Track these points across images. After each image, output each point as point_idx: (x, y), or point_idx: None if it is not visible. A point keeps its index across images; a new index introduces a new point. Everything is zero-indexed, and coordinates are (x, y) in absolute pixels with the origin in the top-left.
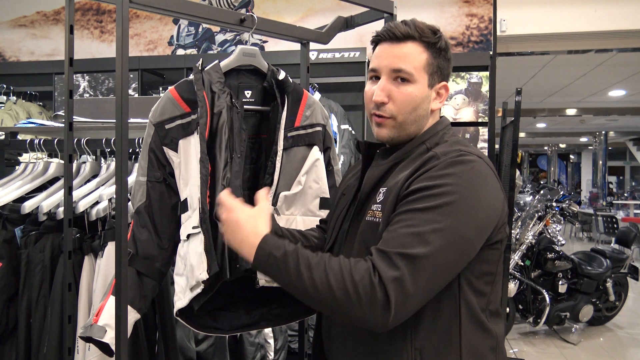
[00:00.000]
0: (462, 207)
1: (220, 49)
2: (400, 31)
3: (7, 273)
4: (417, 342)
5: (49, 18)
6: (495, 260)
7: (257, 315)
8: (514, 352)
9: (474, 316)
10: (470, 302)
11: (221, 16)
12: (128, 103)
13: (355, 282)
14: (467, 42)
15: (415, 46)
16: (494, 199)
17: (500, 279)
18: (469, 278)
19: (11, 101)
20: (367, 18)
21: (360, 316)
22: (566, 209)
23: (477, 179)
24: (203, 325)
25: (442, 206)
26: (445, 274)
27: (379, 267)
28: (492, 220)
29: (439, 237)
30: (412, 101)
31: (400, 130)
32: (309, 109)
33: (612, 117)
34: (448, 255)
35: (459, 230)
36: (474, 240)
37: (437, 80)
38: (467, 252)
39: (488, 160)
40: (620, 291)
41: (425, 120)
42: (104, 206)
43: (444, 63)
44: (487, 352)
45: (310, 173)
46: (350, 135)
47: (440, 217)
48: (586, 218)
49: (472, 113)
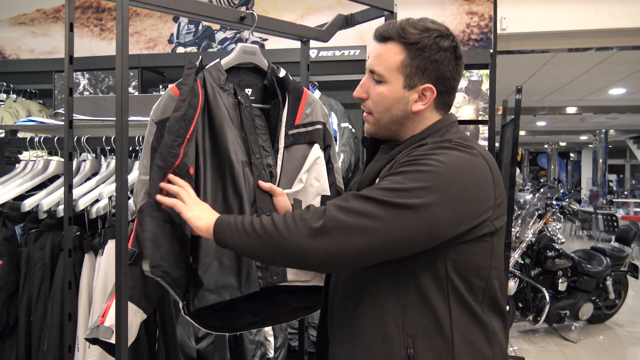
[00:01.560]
0: (436, 178)
1: (221, 47)
2: (380, 31)
3: (7, 271)
4: (408, 328)
5: (48, 16)
6: (486, 253)
7: (262, 314)
8: (514, 350)
9: (466, 306)
10: (460, 292)
11: (221, 14)
12: (128, 101)
13: (303, 213)
14: (467, 40)
15: (393, 47)
16: (477, 186)
17: (500, 274)
18: (456, 268)
19: (11, 99)
20: (368, 16)
21: (294, 233)
22: (566, 207)
23: (461, 162)
24: (210, 325)
25: (414, 172)
26: (391, 228)
27: (330, 201)
28: (472, 206)
29: (398, 195)
30: (384, 101)
31: (379, 126)
32: (309, 107)
33: (612, 115)
34: (403, 213)
35: (423, 196)
36: (439, 215)
37: (419, 82)
38: (428, 223)
39: (489, 158)
40: (620, 289)
41: (407, 120)
42: (104, 204)
43: (426, 64)
44: (481, 342)
45: (311, 171)
46: (350, 134)
47: (407, 180)
48: (586, 216)
49: (473, 111)
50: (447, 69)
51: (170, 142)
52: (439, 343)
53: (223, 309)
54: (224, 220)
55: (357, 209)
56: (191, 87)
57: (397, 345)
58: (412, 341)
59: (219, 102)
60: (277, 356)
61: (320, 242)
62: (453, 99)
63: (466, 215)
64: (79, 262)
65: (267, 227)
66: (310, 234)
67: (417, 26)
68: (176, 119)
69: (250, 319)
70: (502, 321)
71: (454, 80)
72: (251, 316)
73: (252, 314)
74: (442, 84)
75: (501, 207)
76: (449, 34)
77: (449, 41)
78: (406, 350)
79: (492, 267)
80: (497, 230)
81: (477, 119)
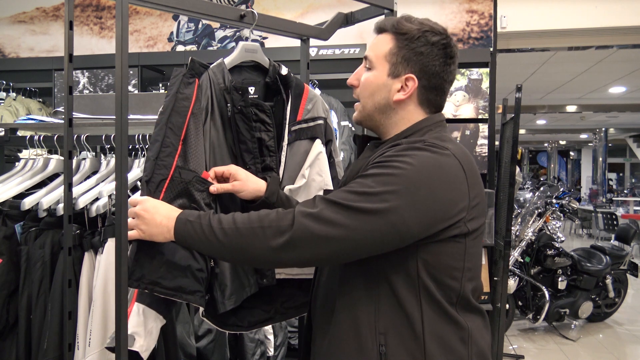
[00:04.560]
0: (403, 181)
1: (220, 45)
2: (378, 24)
3: (7, 269)
4: (380, 326)
5: (48, 14)
6: (458, 254)
7: (272, 310)
8: (514, 348)
9: (438, 306)
10: (431, 292)
11: (221, 12)
12: (128, 99)
13: (270, 217)
14: (467, 38)
15: (385, 37)
16: (447, 188)
17: (475, 275)
18: (427, 268)
19: (11, 97)
20: (368, 14)
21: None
22: (566, 206)
23: (431, 164)
24: (225, 323)
25: (383, 175)
26: (360, 232)
27: (299, 205)
28: (440, 208)
29: (366, 200)
30: (369, 86)
31: (364, 114)
32: (310, 103)
33: (612, 113)
34: (369, 218)
35: (391, 200)
36: (406, 217)
37: (402, 71)
38: (396, 227)
39: (464, 158)
40: (619, 288)
41: (391, 111)
42: (104, 202)
43: (411, 55)
44: (455, 342)
45: (313, 166)
46: (350, 132)
47: (375, 184)
48: (586, 215)
49: (472, 110)
50: (433, 64)
51: (155, 156)
52: (411, 342)
53: (238, 307)
54: (181, 229)
55: (325, 217)
56: (175, 93)
57: (369, 342)
58: (384, 339)
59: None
60: (277, 354)
61: (288, 254)
62: (441, 100)
63: (436, 216)
64: (79, 260)
65: (229, 232)
66: (278, 246)
67: (413, 21)
68: (157, 132)
69: (262, 315)
70: (481, 319)
71: (441, 79)
72: (263, 312)
73: (264, 310)
74: (425, 78)
75: (477, 208)
76: (442, 32)
77: (439, 37)
78: (378, 347)
79: (466, 269)
80: (471, 232)
81: (477, 117)
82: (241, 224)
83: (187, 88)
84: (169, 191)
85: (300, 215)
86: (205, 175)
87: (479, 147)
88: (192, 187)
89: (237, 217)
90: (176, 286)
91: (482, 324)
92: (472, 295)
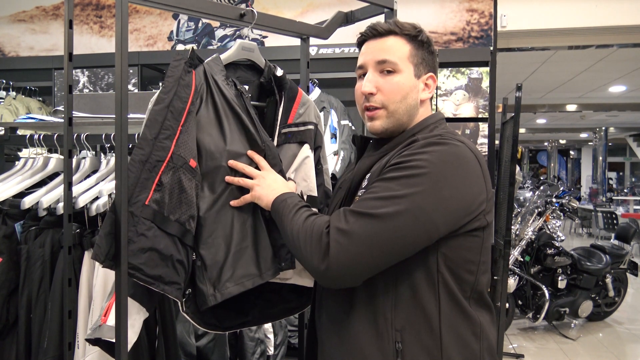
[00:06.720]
0: (427, 181)
1: (220, 44)
2: (382, 27)
3: (7, 268)
4: (397, 323)
5: (48, 13)
6: (475, 248)
7: (250, 314)
8: (513, 347)
9: (455, 301)
10: (449, 286)
11: (221, 11)
12: (128, 98)
13: (313, 230)
14: (467, 37)
15: (398, 39)
16: (468, 182)
17: (487, 269)
18: (447, 263)
19: (11, 96)
20: (368, 13)
21: (309, 260)
22: (566, 205)
23: (452, 160)
24: (207, 323)
25: (406, 177)
26: (394, 240)
27: (332, 220)
28: (464, 204)
29: (394, 203)
30: (401, 90)
31: (392, 120)
32: (302, 107)
33: (612, 113)
34: (400, 222)
35: (418, 201)
36: (434, 217)
37: (424, 71)
38: (425, 227)
39: (474, 148)
40: (619, 287)
41: (415, 110)
42: (104, 201)
43: (427, 55)
44: (469, 337)
45: (299, 170)
46: (350, 131)
47: (400, 186)
48: (586, 214)
49: (473, 109)
50: (435, 62)
51: (154, 135)
52: (428, 338)
53: (217, 308)
54: (279, 205)
55: (360, 233)
56: (178, 78)
57: (385, 340)
58: (400, 336)
59: (221, 94)
60: (277, 353)
61: (331, 273)
62: None
63: (460, 211)
64: (79, 259)
65: (298, 232)
66: (321, 266)
67: (407, 24)
68: (157, 111)
69: (241, 318)
70: (490, 315)
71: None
72: (241, 316)
73: (242, 314)
74: (436, 76)
75: (492, 201)
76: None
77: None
78: (394, 344)
79: (481, 262)
80: (488, 225)
81: (477, 116)
82: (296, 231)
83: (187, 76)
84: (164, 175)
85: (335, 232)
86: (192, 163)
87: (479, 146)
88: (183, 173)
89: (308, 225)
90: (156, 274)
91: (491, 319)
92: (487, 287)
